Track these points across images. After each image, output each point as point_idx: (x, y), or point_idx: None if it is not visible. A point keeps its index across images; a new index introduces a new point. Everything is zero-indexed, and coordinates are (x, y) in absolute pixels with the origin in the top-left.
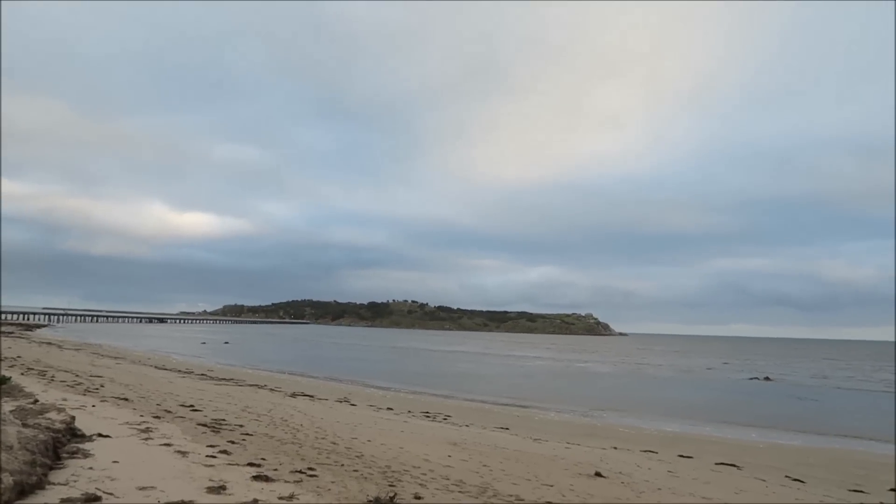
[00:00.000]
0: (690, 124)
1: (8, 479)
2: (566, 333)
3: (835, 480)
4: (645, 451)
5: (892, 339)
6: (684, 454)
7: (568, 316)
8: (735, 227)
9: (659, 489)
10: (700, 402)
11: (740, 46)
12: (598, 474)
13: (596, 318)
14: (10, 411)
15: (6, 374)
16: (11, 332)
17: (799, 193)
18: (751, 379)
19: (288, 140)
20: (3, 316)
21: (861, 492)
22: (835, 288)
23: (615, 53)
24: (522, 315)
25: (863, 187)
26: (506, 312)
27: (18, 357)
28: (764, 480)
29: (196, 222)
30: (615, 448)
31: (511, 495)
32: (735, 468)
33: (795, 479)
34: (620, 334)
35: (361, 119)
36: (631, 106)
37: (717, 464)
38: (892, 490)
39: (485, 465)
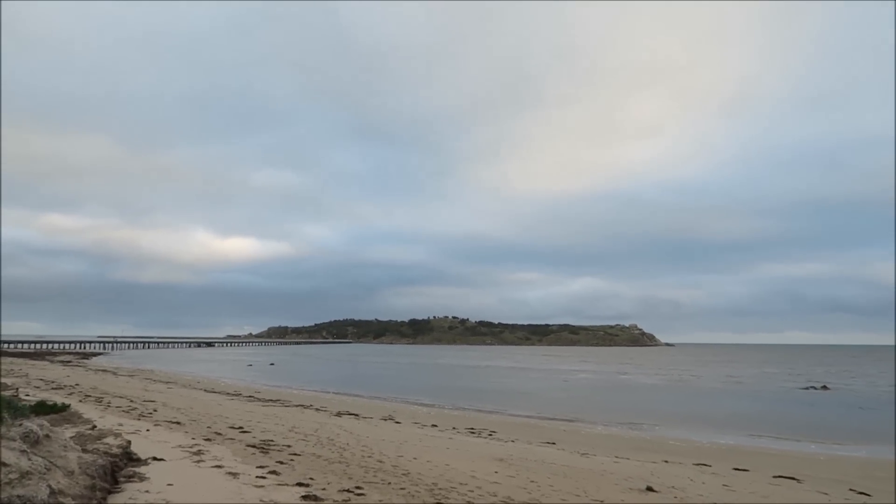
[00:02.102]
0: (731, 130)
1: None
2: (610, 345)
3: None
4: (698, 465)
5: None
6: (740, 467)
7: (612, 327)
8: (783, 231)
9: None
10: (754, 413)
11: (779, 50)
12: (649, 489)
13: (640, 329)
14: (71, 437)
15: (66, 401)
16: (69, 361)
17: (849, 195)
18: (807, 388)
19: (324, 163)
20: (62, 346)
21: None
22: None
23: (649, 64)
24: (565, 328)
25: None
26: (548, 326)
27: (77, 385)
28: (826, 494)
29: (239, 247)
30: (666, 462)
31: None
32: (795, 481)
33: (861, 493)
34: (667, 345)
35: (395, 139)
36: (668, 114)
37: (775, 477)
38: None
39: (532, 481)
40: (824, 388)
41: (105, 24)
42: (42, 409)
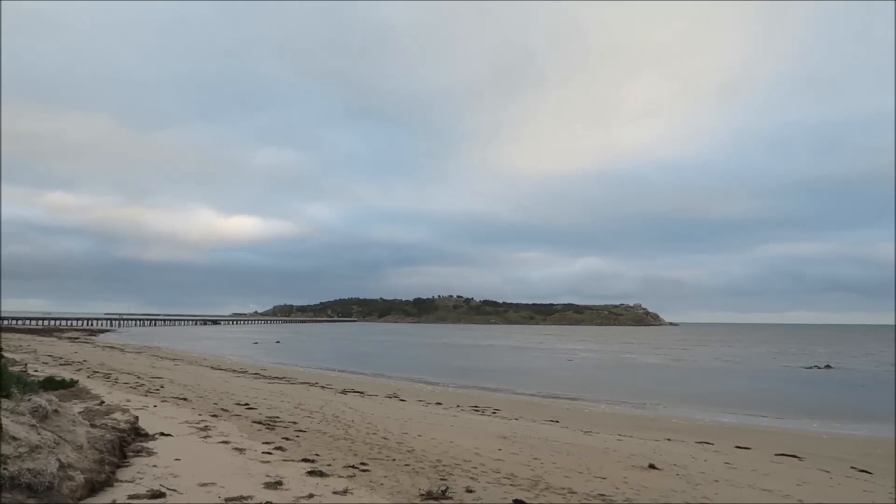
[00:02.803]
0: (729, 111)
1: (79, 477)
2: (614, 325)
3: None
4: (700, 443)
5: None
6: (742, 445)
7: (616, 307)
8: (782, 211)
9: (716, 481)
10: (756, 392)
11: (776, 33)
12: (652, 466)
13: (645, 309)
14: (79, 412)
15: (74, 377)
16: (77, 338)
17: (847, 174)
18: (809, 367)
19: (324, 143)
20: (70, 322)
21: None
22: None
23: (647, 46)
24: (569, 307)
25: None
26: (552, 305)
27: (84, 361)
28: (828, 472)
29: (242, 226)
30: (669, 440)
31: (563, 488)
32: (796, 459)
33: (862, 471)
34: (671, 324)
35: (394, 119)
36: (666, 96)
37: (776, 455)
38: None
39: (536, 458)
40: (827, 367)
41: (102, 3)
42: (51, 384)
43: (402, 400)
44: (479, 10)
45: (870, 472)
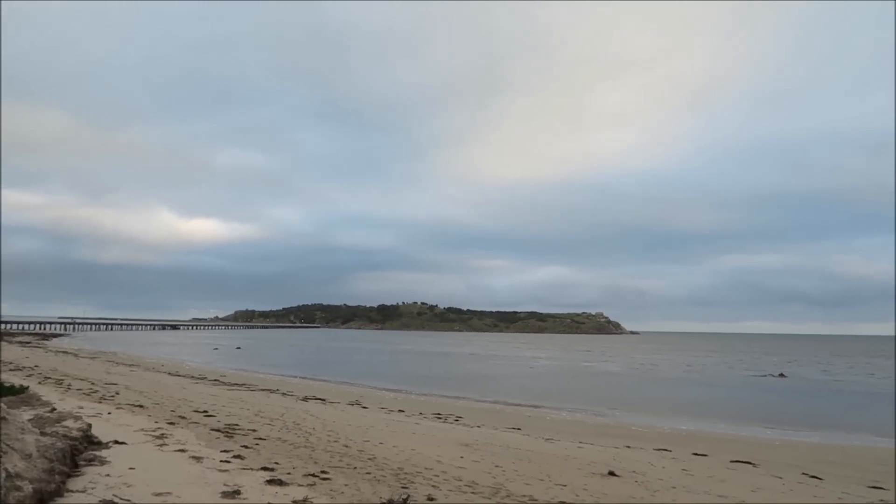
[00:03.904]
0: (697, 122)
1: (28, 488)
2: (576, 333)
3: (853, 477)
4: (659, 450)
5: None
6: (699, 452)
7: (578, 315)
8: (746, 223)
9: (674, 487)
10: (714, 400)
11: (748, 46)
12: (611, 473)
13: (606, 317)
14: (29, 420)
15: (24, 383)
16: (28, 342)
17: (809, 190)
18: (765, 376)
19: (291, 144)
20: (20, 326)
21: (880, 488)
22: (851, 283)
23: (617, 54)
24: (532, 315)
25: (873, 182)
26: (515, 313)
27: (36, 366)
28: (780, 478)
29: (204, 228)
30: (628, 447)
31: (524, 496)
32: (751, 466)
33: (813, 477)
34: (632, 333)
35: (364, 122)
36: (635, 105)
37: (732, 461)
38: None
39: (497, 466)
40: (781, 375)
41: None
42: None
43: (364, 407)
44: (448, 15)
45: (820, 478)
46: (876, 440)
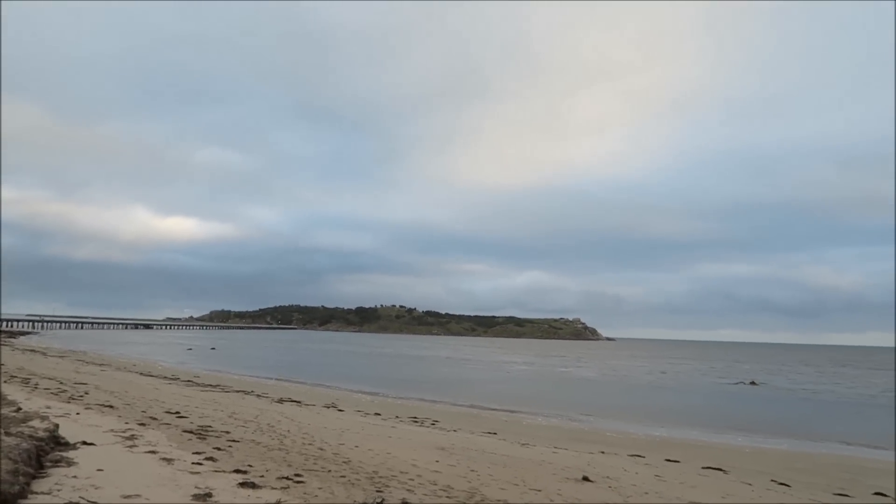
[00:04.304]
0: (674, 132)
1: None
2: (553, 338)
3: (820, 484)
4: (632, 456)
5: (880, 345)
6: (671, 458)
7: (556, 321)
8: (720, 233)
9: (646, 493)
10: (686, 407)
11: (724, 58)
12: (585, 479)
13: (583, 324)
14: None
15: None
16: None
17: (782, 201)
18: (736, 384)
19: (269, 144)
20: None
21: (846, 496)
22: (821, 294)
23: (597, 62)
24: (510, 320)
25: (844, 195)
26: (493, 317)
27: (1, 365)
28: (750, 484)
29: (180, 227)
30: (602, 452)
31: (499, 500)
32: (721, 472)
33: (781, 483)
34: (608, 339)
35: (344, 123)
36: (614, 113)
37: (703, 468)
38: (876, 493)
39: (472, 471)
40: (752, 383)
41: None
42: None
43: (340, 410)
44: (429, 17)
45: (788, 486)
46: (842, 448)
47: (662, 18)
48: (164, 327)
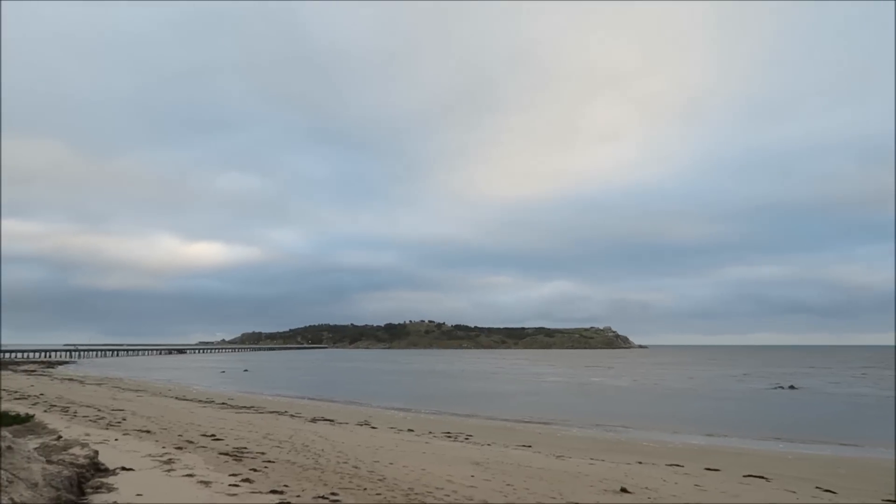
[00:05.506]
0: (689, 135)
1: None
2: (585, 347)
3: (867, 490)
4: (670, 465)
5: None
6: (711, 467)
7: (586, 330)
8: (744, 235)
9: (687, 503)
10: (724, 414)
11: (734, 58)
12: (623, 490)
13: (615, 332)
14: (35, 448)
15: (29, 411)
16: (34, 370)
17: (804, 199)
18: (775, 388)
19: (286, 167)
20: (25, 354)
21: (894, 502)
22: (853, 293)
23: (607, 69)
24: (540, 331)
25: (867, 190)
26: (523, 329)
27: (41, 395)
28: (794, 492)
29: (205, 252)
30: (640, 463)
31: None
32: (764, 480)
33: (826, 490)
34: (640, 347)
35: (356, 143)
36: (628, 120)
37: (745, 476)
38: None
39: (508, 485)
40: (791, 388)
41: (48, 24)
42: (4, 420)
43: (373, 427)
44: (437, 34)
45: (834, 492)
46: (889, 453)
47: (669, 20)
48: (196, 351)
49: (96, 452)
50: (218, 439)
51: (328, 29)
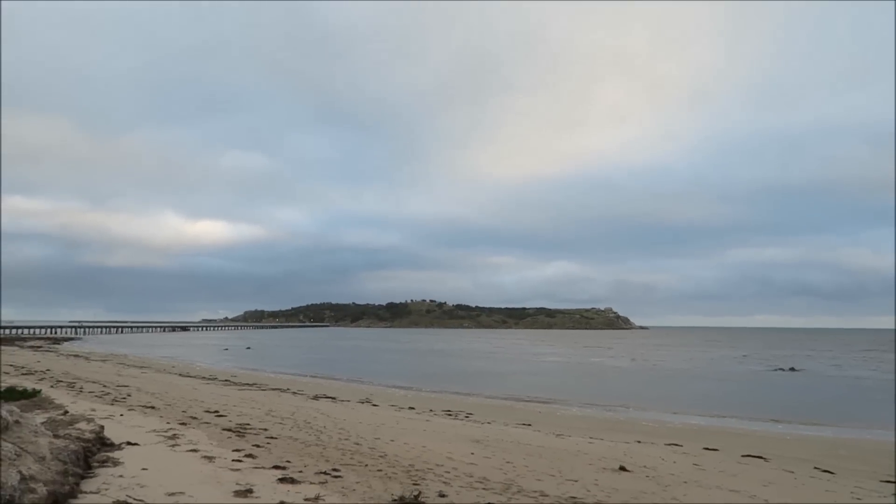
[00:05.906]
0: (697, 117)
1: (42, 490)
2: (586, 328)
3: (865, 471)
4: (669, 445)
5: None
6: (710, 447)
7: (587, 311)
8: (749, 217)
9: (685, 482)
10: (725, 395)
11: (743, 42)
12: (622, 468)
13: (616, 313)
14: (42, 423)
15: (36, 387)
16: (40, 346)
17: (812, 182)
18: (776, 370)
19: (291, 147)
20: (32, 331)
21: (893, 482)
22: (860, 276)
23: (614, 52)
24: (541, 311)
25: (878, 174)
26: (524, 309)
27: (48, 370)
28: (792, 472)
29: (210, 230)
30: (639, 442)
31: (535, 491)
32: (762, 460)
33: (825, 471)
34: (641, 328)
35: (362, 123)
36: (635, 101)
37: (743, 456)
38: None
39: (508, 462)
40: (792, 369)
41: (55, 3)
42: (11, 395)
43: (374, 405)
44: (443, 14)
45: (832, 473)
46: (888, 435)
47: (678, 3)
48: (200, 329)
49: (102, 427)
50: (221, 415)
51: (335, 9)
